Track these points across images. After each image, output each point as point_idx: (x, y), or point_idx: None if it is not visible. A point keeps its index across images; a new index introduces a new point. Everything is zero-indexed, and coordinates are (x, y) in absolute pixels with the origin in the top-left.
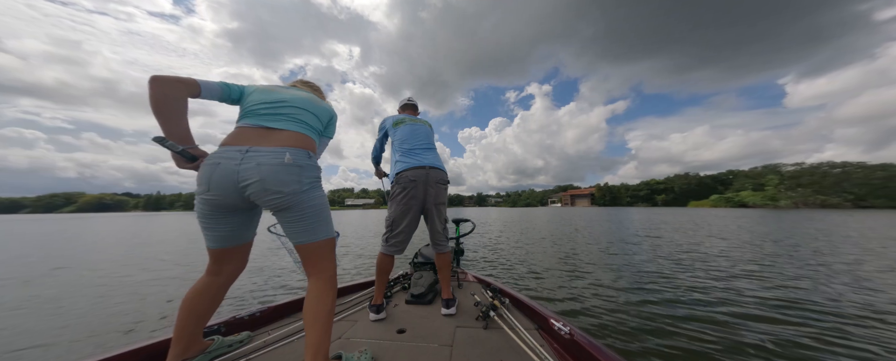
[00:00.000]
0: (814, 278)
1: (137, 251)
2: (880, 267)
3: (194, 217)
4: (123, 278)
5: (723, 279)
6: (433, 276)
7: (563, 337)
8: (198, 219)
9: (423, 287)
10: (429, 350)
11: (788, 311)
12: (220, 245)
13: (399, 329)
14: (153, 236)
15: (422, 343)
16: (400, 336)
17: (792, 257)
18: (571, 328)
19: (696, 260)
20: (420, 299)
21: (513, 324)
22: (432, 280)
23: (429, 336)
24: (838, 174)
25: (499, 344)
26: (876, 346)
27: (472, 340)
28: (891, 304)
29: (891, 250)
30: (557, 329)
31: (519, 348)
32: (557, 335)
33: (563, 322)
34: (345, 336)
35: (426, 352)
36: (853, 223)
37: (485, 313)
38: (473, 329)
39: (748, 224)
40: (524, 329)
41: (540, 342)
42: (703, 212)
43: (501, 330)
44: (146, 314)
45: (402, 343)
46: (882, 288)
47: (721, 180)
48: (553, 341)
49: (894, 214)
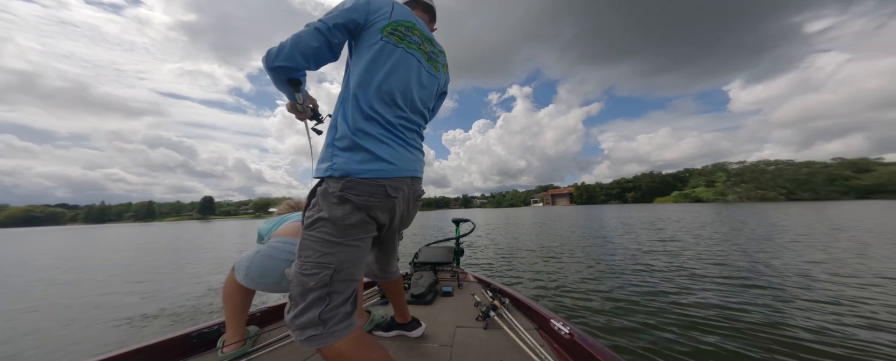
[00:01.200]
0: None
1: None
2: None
3: (147, 229)
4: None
5: (697, 277)
6: (433, 276)
7: (563, 337)
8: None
9: (423, 287)
10: (429, 350)
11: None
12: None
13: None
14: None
15: (422, 343)
16: (400, 337)
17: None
18: (571, 328)
19: (678, 262)
20: (420, 299)
21: (513, 324)
22: (432, 280)
23: (429, 336)
24: (773, 171)
25: (499, 344)
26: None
27: (472, 340)
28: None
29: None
30: (557, 329)
31: (519, 348)
32: (557, 335)
33: (563, 322)
34: None
35: (426, 352)
36: (796, 217)
37: (485, 313)
38: (473, 329)
39: (707, 220)
40: (524, 329)
41: (540, 342)
42: (669, 208)
43: (501, 330)
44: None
45: (402, 343)
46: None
47: (680, 178)
48: (553, 341)
49: (818, 205)
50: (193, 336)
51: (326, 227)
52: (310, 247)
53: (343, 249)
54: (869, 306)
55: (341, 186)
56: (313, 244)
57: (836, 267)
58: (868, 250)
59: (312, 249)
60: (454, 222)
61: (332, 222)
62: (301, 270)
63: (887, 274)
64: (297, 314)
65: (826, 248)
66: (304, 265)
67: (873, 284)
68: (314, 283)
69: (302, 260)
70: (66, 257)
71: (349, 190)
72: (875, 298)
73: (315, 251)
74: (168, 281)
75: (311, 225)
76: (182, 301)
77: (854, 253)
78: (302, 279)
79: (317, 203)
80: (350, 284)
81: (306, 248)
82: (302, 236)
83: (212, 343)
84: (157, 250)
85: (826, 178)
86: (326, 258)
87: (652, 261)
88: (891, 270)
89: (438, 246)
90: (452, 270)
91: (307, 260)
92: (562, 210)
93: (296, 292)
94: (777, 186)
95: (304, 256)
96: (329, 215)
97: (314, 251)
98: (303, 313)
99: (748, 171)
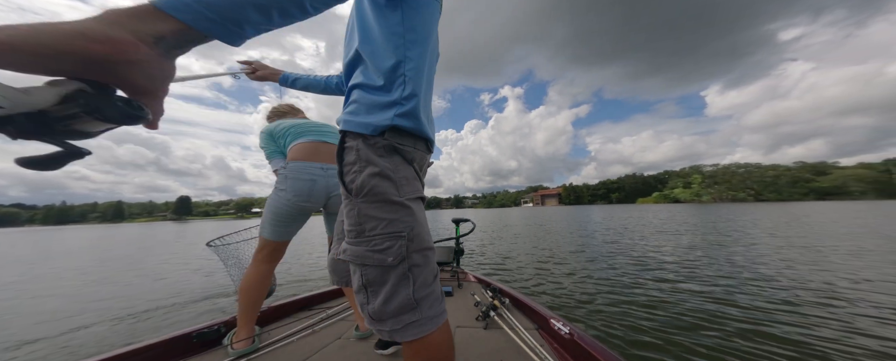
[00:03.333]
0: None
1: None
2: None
3: (110, 229)
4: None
5: (696, 277)
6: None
7: (563, 337)
8: (280, 219)
9: None
10: None
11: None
12: (288, 238)
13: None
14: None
15: None
16: None
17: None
18: (571, 328)
19: (671, 262)
20: None
21: (513, 324)
22: None
23: None
24: (743, 174)
25: (499, 344)
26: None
27: (472, 340)
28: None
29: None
30: (557, 329)
31: (519, 348)
32: (557, 335)
33: (563, 322)
34: (344, 336)
35: None
36: (768, 220)
37: (485, 313)
38: (473, 329)
39: (685, 218)
40: (524, 329)
41: (540, 342)
42: (651, 209)
43: (501, 330)
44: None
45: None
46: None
47: (660, 180)
48: (553, 341)
49: (784, 205)
50: (194, 336)
51: (383, 186)
52: (370, 217)
53: (408, 211)
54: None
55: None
56: (373, 211)
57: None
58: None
59: (375, 218)
60: (454, 221)
61: (388, 180)
62: (371, 247)
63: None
64: (386, 299)
65: (823, 259)
66: (373, 240)
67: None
68: (393, 258)
69: (367, 237)
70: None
71: (395, 139)
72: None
73: (379, 220)
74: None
75: (360, 190)
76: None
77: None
78: (377, 257)
79: (358, 160)
80: (427, 255)
81: (367, 219)
82: (351, 208)
83: (212, 343)
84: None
85: (789, 180)
86: (395, 226)
87: (650, 261)
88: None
89: (438, 246)
90: (452, 270)
91: (374, 233)
92: (551, 211)
93: (372, 276)
94: (747, 187)
95: (366, 229)
96: (381, 169)
97: (377, 220)
98: (392, 297)
99: (721, 173)
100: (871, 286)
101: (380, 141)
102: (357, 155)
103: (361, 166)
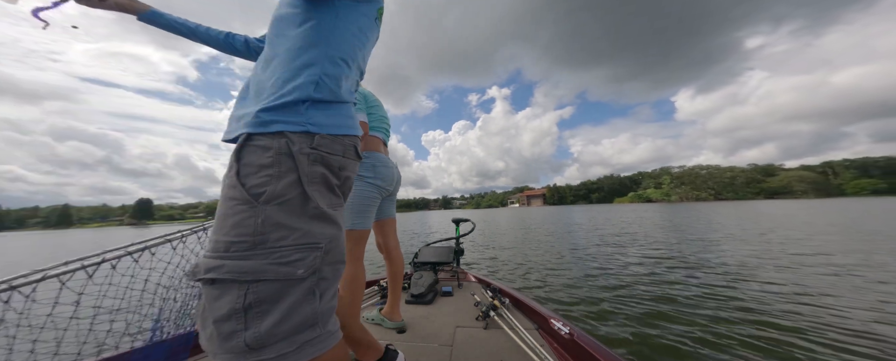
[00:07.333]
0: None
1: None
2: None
3: (60, 236)
4: None
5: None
6: (433, 276)
7: (563, 337)
8: (364, 206)
9: (423, 287)
10: (429, 350)
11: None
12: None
13: (399, 329)
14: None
15: (422, 343)
16: (400, 336)
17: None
18: (571, 328)
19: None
20: (420, 299)
21: (513, 324)
22: (432, 280)
23: (429, 336)
24: (705, 175)
25: (499, 344)
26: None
27: (472, 340)
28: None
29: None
30: (557, 329)
31: (519, 348)
32: (557, 335)
33: (563, 322)
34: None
35: (426, 352)
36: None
37: (485, 313)
38: (473, 328)
39: (660, 219)
40: (524, 329)
41: (540, 342)
42: (627, 208)
43: (501, 330)
44: None
45: (402, 343)
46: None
47: (634, 180)
48: (553, 341)
49: (739, 204)
50: (194, 336)
51: (303, 194)
52: (280, 225)
53: (329, 221)
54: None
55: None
56: (284, 219)
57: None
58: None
59: (285, 227)
60: (454, 221)
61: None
62: (274, 260)
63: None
64: (282, 319)
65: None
66: (279, 252)
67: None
68: (303, 270)
69: (268, 248)
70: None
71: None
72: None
73: (290, 230)
74: None
75: (272, 197)
76: None
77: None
78: (280, 271)
79: (275, 164)
80: (339, 269)
81: (273, 228)
82: (249, 215)
83: None
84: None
85: (744, 181)
86: (311, 237)
87: (648, 261)
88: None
89: (438, 246)
90: (453, 270)
91: (280, 245)
92: (537, 211)
93: (266, 293)
94: (708, 187)
95: (270, 240)
96: (300, 175)
97: (288, 229)
98: (290, 314)
99: (686, 174)
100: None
101: (303, 145)
102: (273, 158)
103: (278, 172)
